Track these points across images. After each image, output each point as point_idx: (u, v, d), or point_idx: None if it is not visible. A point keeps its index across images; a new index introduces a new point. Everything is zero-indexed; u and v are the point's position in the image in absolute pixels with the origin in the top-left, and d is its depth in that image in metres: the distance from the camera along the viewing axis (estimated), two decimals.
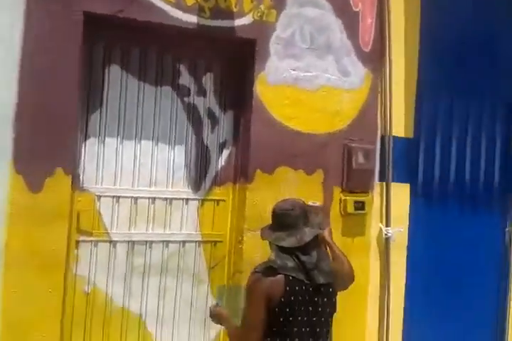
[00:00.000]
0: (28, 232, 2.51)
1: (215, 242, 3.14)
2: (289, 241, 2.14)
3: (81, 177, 2.80)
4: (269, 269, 2.11)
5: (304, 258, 2.13)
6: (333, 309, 2.21)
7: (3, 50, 2.47)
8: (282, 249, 2.14)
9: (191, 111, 3.09)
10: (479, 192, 3.76)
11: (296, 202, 2.30)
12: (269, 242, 2.22)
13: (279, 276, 2.08)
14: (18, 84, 2.49)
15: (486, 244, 3.73)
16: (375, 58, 3.33)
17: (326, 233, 2.38)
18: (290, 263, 2.11)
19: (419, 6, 3.47)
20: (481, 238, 3.70)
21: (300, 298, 2.08)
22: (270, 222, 2.30)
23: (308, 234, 2.16)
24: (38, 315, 2.52)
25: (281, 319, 2.07)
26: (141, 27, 2.83)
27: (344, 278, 2.31)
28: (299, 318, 2.08)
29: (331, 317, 2.21)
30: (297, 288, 2.08)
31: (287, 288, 2.06)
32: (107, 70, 2.87)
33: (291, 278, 2.07)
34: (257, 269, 2.15)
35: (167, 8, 2.79)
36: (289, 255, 2.13)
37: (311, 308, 2.11)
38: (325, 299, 2.15)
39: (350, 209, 3.21)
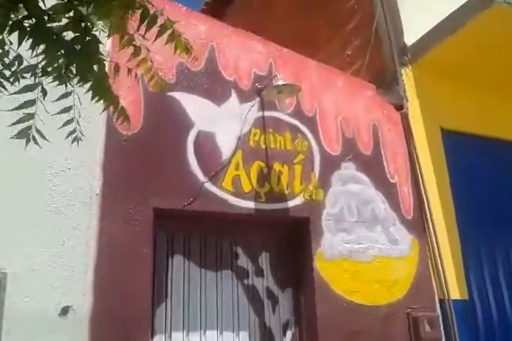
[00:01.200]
0: None
1: None
2: None
3: None
4: None
5: None
6: None
7: (80, 253, 2.53)
8: None
9: (251, 293, 3.08)
10: None
11: None
12: None
13: None
14: (93, 285, 2.50)
15: None
16: (418, 224, 3.50)
17: None
18: None
19: (447, 169, 3.79)
20: None
21: None
22: None
23: None
24: None
25: None
26: (201, 216, 2.97)
27: None
28: None
29: None
30: None
31: None
32: (170, 260, 2.92)
33: None
34: None
35: (227, 197, 2.97)
36: None
37: None
38: None
39: None
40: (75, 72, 1.35)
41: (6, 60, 1.42)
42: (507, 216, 3.93)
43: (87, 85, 1.40)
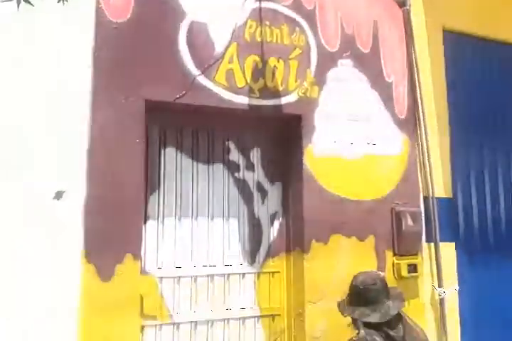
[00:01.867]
0: (100, 320, 2.53)
1: (274, 316, 3.17)
2: (374, 317, 2.21)
3: (143, 260, 2.86)
4: None
5: (391, 332, 2.18)
6: None
7: (74, 137, 2.60)
8: (368, 325, 2.20)
9: (242, 185, 3.22)
10: None
11: (376, 275, 2.38)
12: (352, 318, 2.28)
13: None
14: (88, 169, 2.61)
15: None
16: (411, 124, 3.54)
17: None
18: (379, 339, 2.17)
19: (445, 70, 3.76)
20: None
21: None
22: (348, 296, 2.36)
23: (392, 307, 2.23)
24: None
25: None
26: (194, 109, 3.00)
27: None
28: None
29: None
30: None
31: None
32: (163, 152, 3.01)
33: None
34: None
35: (220, 91, 2.98)
36: (376, 330, 2.18)
37: None
38: None
39: (404, 272, 3.29)
40: None
41: None
42: (499, 121, 3.96)
43: None
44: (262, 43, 3.14)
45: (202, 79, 2.95)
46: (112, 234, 2.61)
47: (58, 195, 2.52)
